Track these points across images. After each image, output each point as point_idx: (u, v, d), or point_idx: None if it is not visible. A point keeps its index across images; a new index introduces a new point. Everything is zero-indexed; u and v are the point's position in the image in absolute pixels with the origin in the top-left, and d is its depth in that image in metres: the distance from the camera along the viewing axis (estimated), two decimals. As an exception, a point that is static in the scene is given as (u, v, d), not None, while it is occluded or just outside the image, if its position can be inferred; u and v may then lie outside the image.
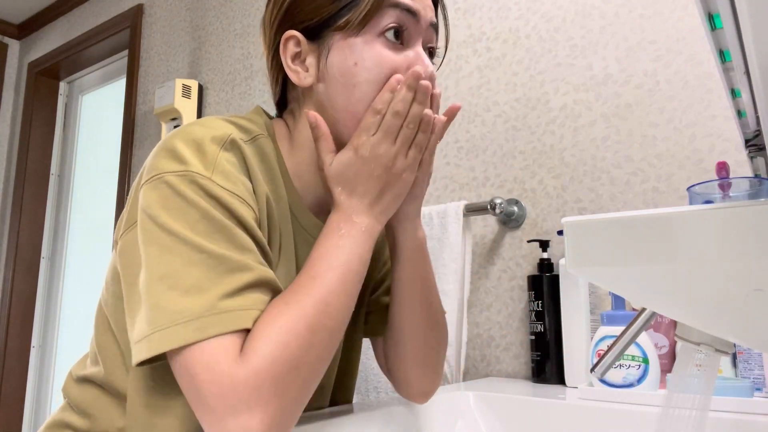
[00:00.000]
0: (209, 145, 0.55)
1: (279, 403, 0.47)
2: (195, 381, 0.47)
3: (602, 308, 1.03)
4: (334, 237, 0.57)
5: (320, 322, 0.51)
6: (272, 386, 0.47)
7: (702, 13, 0.32)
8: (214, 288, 0.49)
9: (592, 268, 0.37)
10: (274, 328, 0.49)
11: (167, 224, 0.51)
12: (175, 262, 0.49)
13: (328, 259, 0.55)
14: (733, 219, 0.32)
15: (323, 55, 0.61)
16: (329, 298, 0.52)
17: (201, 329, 0.47)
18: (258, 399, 0.46)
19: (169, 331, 0.47)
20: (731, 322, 0.39)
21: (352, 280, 0.55)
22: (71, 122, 2.72)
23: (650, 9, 1.07)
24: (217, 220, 0.51)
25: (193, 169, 0.53)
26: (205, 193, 0.52)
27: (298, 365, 0.48)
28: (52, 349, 2.51)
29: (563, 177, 1.13)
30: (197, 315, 0.47)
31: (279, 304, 0.51)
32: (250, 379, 0.46)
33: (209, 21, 1.99)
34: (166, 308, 0.48)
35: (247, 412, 0.46)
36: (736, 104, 0.49)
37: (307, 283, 0.53)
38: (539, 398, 0.85)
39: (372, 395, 1.16)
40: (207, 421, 0.47)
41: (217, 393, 0.46)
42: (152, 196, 0.53)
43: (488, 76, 1.27)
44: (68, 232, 2.61)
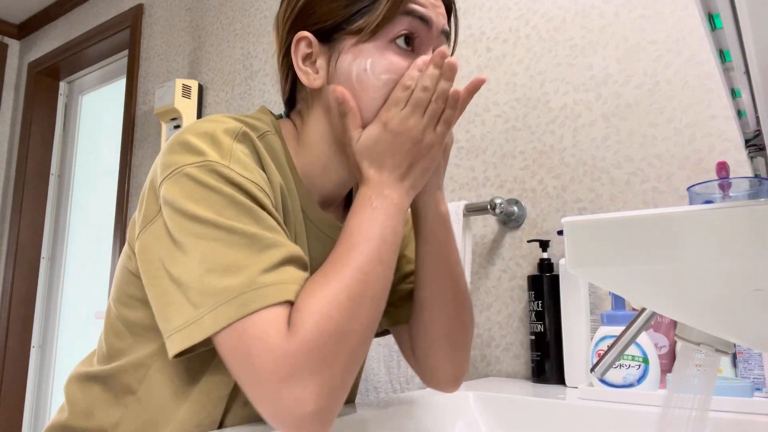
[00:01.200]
0: (223, 137, 0.56)
1: (329, 372, 0.48)
2: (248, 356, 0.48)
3: (602, 308, 1.03)
4: (367, 210, 0.57)
5: (361, 292, 0.52)
6: (321, 356, 0.48)
7: (702, 13, 0.32)
8: (252, 265, 0.50)
9: (592, 268, 0.37)
10: (317, 300, 0.50)
11: (196, 213, 0.51)
12: (210, 247, 0.50)
13: (363, 232, 0.55)
14: (733, 219, 0.32)
15: (334, 58, 0.62)
16: (367, 267, 0.53)
17: (245, 304, 0.48)
18: (310, 369, 0.47)
19: (215, 312, 0.48)
20: (731, 322, 0.39)
21: (388, 251, 0.55)
22: (71, 122, 2.72)
23: (650, 9, 1.07)
24: (244, 204, 0.53)
25: (212, 158, 0.54)
26: (226, 181, 0.53)
27: (344, 334, 0.49)
28: (52, 349, 2.51)
29: (563, 177, 1.13)
30: (240, 291, 0.48)
31: (319, 277, 0.52)
32: (300, 350, 0.47)
33: (209, 21, 1.99)
34: (208, 291, 0.49)
35: (300, 383, 0.47)
36: (736, 104, 0.49)
37: (345, 254, 0.54)
38: (539, 398, 0.85)
39: (372, 395, 1.16)
40: (260, 394, 0.48)
41: (270, 365, 0.47)
42: (175, 190, 0.53)
43: (488, 76, 1.27)
44: (68, 232, 2.61)
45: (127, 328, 0.62)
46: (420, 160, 0.60)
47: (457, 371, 0.71)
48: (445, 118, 0.60)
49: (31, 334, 2.53)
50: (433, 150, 0.60)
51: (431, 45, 0.63)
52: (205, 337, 0.49)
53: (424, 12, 0.61)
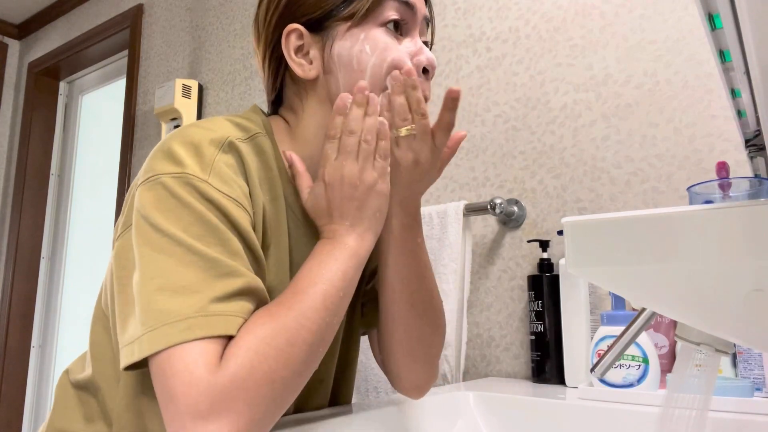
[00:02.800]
0: (207, 147, 0.55)
1: (250, 414, 0.46)
2: (170, 382, 0.46)
3: (602, 308, 1.03)
4: (319, 256, 0.57)
5: (300, 336, 0.50)
6: (246, 397, 0.46)
7: (702, 13, 0.32)
8: (205, 290, 0.48)
9: (592, 268, 0.37)
10: (254, 338, 0.48)
11: (161, 225, 0.50)
12: (168, 263, 0.49)
13: (311, 276, 0.55)
14: (733, 219, 0.32)
15: (328, 45, 0.63)
16: (309, 312, 0.52)
17: (188, 329, 0.47)
18: (230, 408, 0.45)
19: (157, 331, 0.47)
20: (731, 322, 0.39)
21: (335, 295, 0.54)
22: (71, 122, 2.72)
23: (650, 9, 1.07)
24: (212, 224, 0.51)
25: (190, 171, 0.53)
26: (200, 196, 0.52)
27: (273, 378, 0.48)
28: (52, 349, 2.51)
29: (563, 177, 1.13)
30: (186, 315, 0.47)
31: (263, 315, 0.51)
32: (226, 387, 0.45)
33: (209, 21, 1.99)
34: (155, 309, 0.48)
35: (216, 421, 0.45)
36: (736, 104, 0.49)
37: (290, 297, 0.53)
38: (539, 398, 0.85)
39: (372, 395, 1.16)
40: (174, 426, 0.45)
41: (190, 397, 0.45)
42: (147, 197, 0.52)
43: (488, 76, 1.27)
44: (68, 232, 2.61)
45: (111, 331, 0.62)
46: (367, 202, 0.59)
47: (419, 381, 0.71)
48: (381, 151, 0.60)
49: (31, 334, 2.53)
50: (378, 186, 0.60)
51: (416, 30, 0.66)
52: (144, 356, 0.47)
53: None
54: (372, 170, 0.60)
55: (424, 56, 0.64)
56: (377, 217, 0.61)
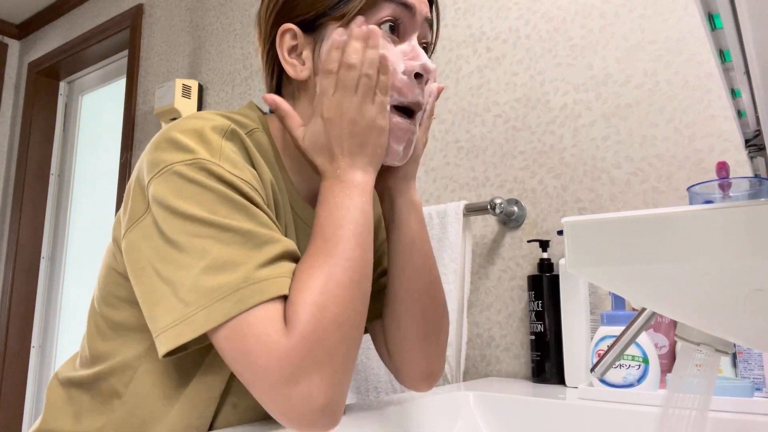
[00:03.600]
0: (211, 134, 0.55)
1: (332, 363, 0.48)
2: (249, 355, 0.47)
3: (602, 308, 1.03)
4: (330, 201, 0.56)
5: (348, 278, 0.52)
6: (322, 348, 0.48)
7: (702, 13, 0.32)
8: (248, 261, 0.49)
9: (592, 268, 0.37)
10: (309, 291, 0.49)
11: (188, 211, 0.51)
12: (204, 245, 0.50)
13: (333, 221, 0.55)
14: (733, 219, 0.32)
15: (318, 46, 0.62)
16: (347, 253, 0.53)
17: (242, 300, 0.48)
18: (313, 363, 0.47)
19: (209, 309, 0.48)
20: (731, 322, 0.39)
21: (362, 233, 0.55)
22: (71, 122, 2.72)
23: (650, 9, 1.07)
24: (235, 201, 0.52)
25: (201, 156, 0.53)
26: (217, 178, 0.52)
27: (340, 322, 0.49)
28: (52, 349, 2.51)
29: (563, 177, 1.13)
30: (235, 287, 0.48)
31: (306, 269, 0.52)
32: (301, 346, 0.47)
33: (209, 21, 1.99)
34: (202, 289, 0.48)
35: (306, 378, 0.46)
36: (736, 104, 0.49)
37: (322, 246, 0.53)
38: (539, 398, 0.85)
39: (372, 395, 1.16)
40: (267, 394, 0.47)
41: (273, 364, 0.46)
42: (165, 189, 0.52)
43: (488, 76, 1.27)
44: (68, 232, 2.61)
45: (112, 329, 0.61)
46: (368, 137, 0.58)
47: (431, 367, 0.70)
48: (381, 86, 0.59)
49: (31, 334, 2.53)
50: (378, 121, 0.59)
51: (416, 32, 0.63)
52: (196, 335, 0.48)
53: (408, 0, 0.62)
54: (371, 105, 0.58)
55: (418, 61, 0.61)
56: (378, 153, 0.60)
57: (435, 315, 0.69)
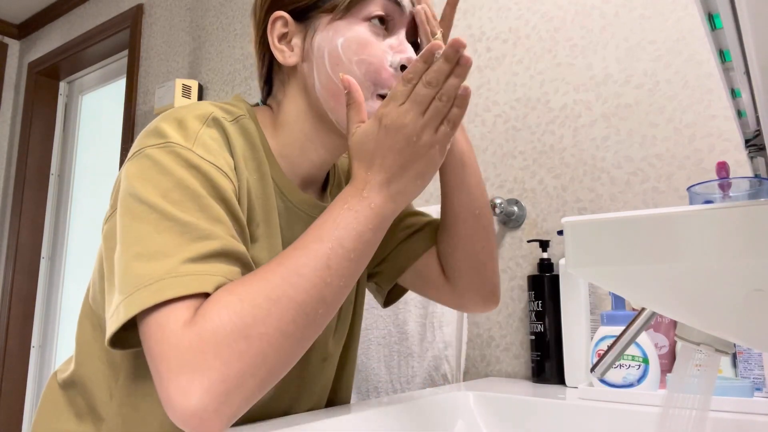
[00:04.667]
0: (191, 122, 0.56)
1: (222, 370, 0.44)
2: (148, 344, 0.47)
3: (602, 308, 1.03)
4: (335, 210, 0.53)
5: (284, 293, 0.48)
6: (215, 352, 0.45)
7: (702, 13, 0.32)
8: (178, 253, 0.48)
9: (592, 268, 0.37)
10: (228, 294, 0.47)
11: (140, 193, 0.51)
12: (144, 230, 0.50)
13: (319, 233, 0.51)
14: (733, 219, 0.32)
15: (309, 35, 0.63)
16: (303, 270, 0.49)
17: (159, 291, 0.47)
18: (199, 364, 0.44)
19: (132, 297, 0.47)
20: (731, 322, 0.39)
21: (344, 256, 0.51)
22: (71, 122, 2.72)
23: (650, 9, 1.07)
24: (191, 189, 0.51)
25: (173, 141, 0.54)
26: (183, 162, 0.53)
27: (248, 334, 0.46)
28: (52, 349, 2.51)
29: (563, 177, 1.13)
30: (157, 278, 0.47)
31: (249, 276, 0.50)
32: (194, 343, 0.45)
33: (209, 21, 1.99)
34: (131, 275, 0.48)
35: (188, 375, 0.44)
36: (736, 104, 0.49)
37: (287, 254, 0.51)
38: (539, 398, 0.85)
39: (372, 395, 1.16)
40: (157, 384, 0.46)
41: (163, 355, 0.45)
42: (132, 170, 0.53)
43: (488, 76, 1.27)
44: (68, 232, 2.61)
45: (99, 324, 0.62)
46: (414, 162, 0.54)
47: (494, 280, 0.74)
48: (452, 117, 0.54)
49: (31, 334, 2.53)
50: (432, 152, 0.54)
51: (404, 27, 0.65)
52: (119, 325, 0.48)
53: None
54: (434, 133, 0.54)
55: (404, 54, 0.62)
56: (417, 183, 0.55)
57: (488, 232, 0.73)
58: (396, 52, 0.62)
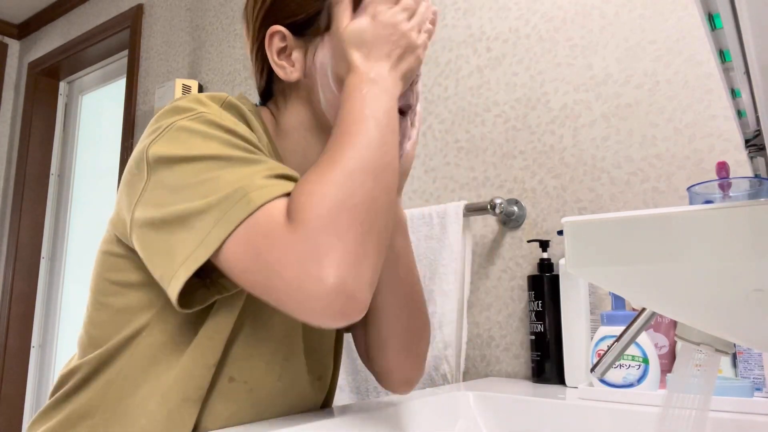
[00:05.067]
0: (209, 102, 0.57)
1: (341, 244, 0.47)
2: (258, 256, 0.47)
3: (602, 308, 1.03)
4: (356, 96, 0.56)
5: (357, 166, 0.51)
6: (326, 232, 0.47)
7: (702, 13, 0.32)
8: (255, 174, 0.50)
9: (592, 268, 0.37)
10: (308, 183, 0.50)
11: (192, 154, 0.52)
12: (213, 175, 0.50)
13: (354, 114, 0.54)
14: (733, 219, 0.32)
15: (311, 52, 0.63)
16: (360, 144, 0.52)
17: (249, 202, 0.48)
18: (318, 247, 0.46)
19: (221, 221, 0.48)
20: (731, 322, 0.39)
21: (387, 129, 0.54)
22: (71, 122, 2.72)
23: (650, 9, 1.07)
24: (240, 145, 0.53)
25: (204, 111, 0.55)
26: (221, 128, 0.54)
27: (344, 207, 0.48)
28: (52, 349, 2.51)
29: (563, 177, 1.13)
30: (242, 194, 0.49)
31: (314, 166, 0.52)
32: (304, 234, 0.47)
33: (209, 21, 1.99)
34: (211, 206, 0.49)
35: (314, 263, 0.46)
36: (736, 104, 0.49)
37: (339, 138, 0.53)
38: (539, 398, 0.85)
39: (372, 395, 1.16)
40: (283, 292, 0.47)
41: (281, 258, 0.46)
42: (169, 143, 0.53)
43: (488, 76, 1.27)
44: (68, 232, 2.61)
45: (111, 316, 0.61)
46: (408, 55, 0.59)
47: (409, 374, 0.72)
48: (428, 29, 0.61)
49: (31, 334, 2.53)
50: (419, 51, 0.60)
51: None
52: (212, 251, 0.48)
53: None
54: (418, 33, 0.60)
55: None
56: (409, 75, 0.60)
57: (416, 327, 0.70)
58: None
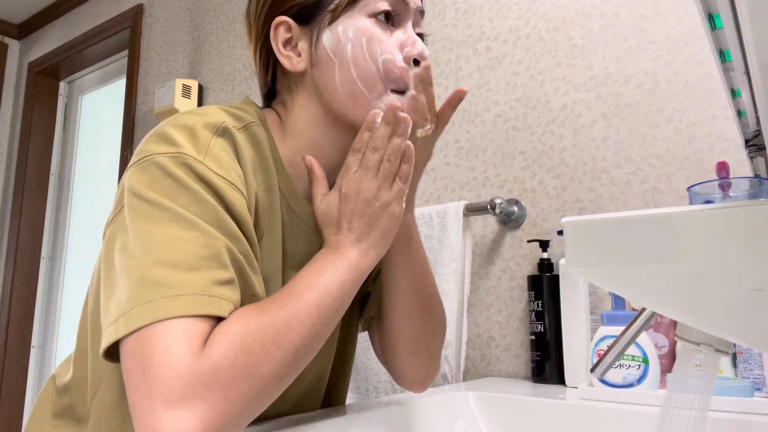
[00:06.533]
0: (201, 131, 0.54)
1: (225, 408, 0.43)
2: (148, 362, 0.43)
3: (602, 308, 1.03)
4: (318, 263, 0.56)
5: (287, 338, 0.48)
6: (224, 388, 0.43)
7: (702, 13, 0.32)
8: (206, 270, 0.47)
9: (592, 268, 0.37)
10: (242, 330, 0.46)
11: (157, 200, 0.49)
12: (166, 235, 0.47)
13: (307, 281, 0.54)
14: (733, 219, 0.32)
15: (314, 37, 0.62)
16: (300, 316, 0.50)
17: (194, 304, 0.45)
18: (205, 397, 0.42)
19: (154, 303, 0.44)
20: (731, 322, 0.39)
21: (330, 305, 0.53)
22: (71, 122, 2.72)
23: (650, 9, 1.07)
24: (209, 204, 0.50)
25: (185, 151, 0.52)
26: (196, 176, 0.51)
27: (254, 375, 0.45)
28: (52, 349, 2.51)
29: (563, 177, 1.13)
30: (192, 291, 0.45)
31: (253, 309, 0.49)
32: (205, 375, 0.43)
33: (209, 21, 1.99)
34: (153, 281, 0.45)
35: (188, 408, 0.41)
36: (736, 104, 0.49)
37: (283, 299, 0.51)
38: (539, 398, 0.85)
39: (372, 395, 1.16)
40: (141, 409, 0.42)
41: (166, 379, 0.42)
42: (141, 177, 0.51)
43: (488, 76, 1.27)
44: (68, 232, 2.61)
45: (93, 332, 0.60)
46: (378, 221, 0.59)
47: (423, 375, 0.72)
48: (402, 174, 0.60)
49: (31, 334, 2.53)
50: (391, 208, 0.60)
51: (410, 21, 0.65)
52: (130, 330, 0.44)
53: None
54: (389, 190, 0.59)
55: (416, 48, 0.63)
56: (385, 237, 0.60)
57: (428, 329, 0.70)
58: (406, 46, 0.63)
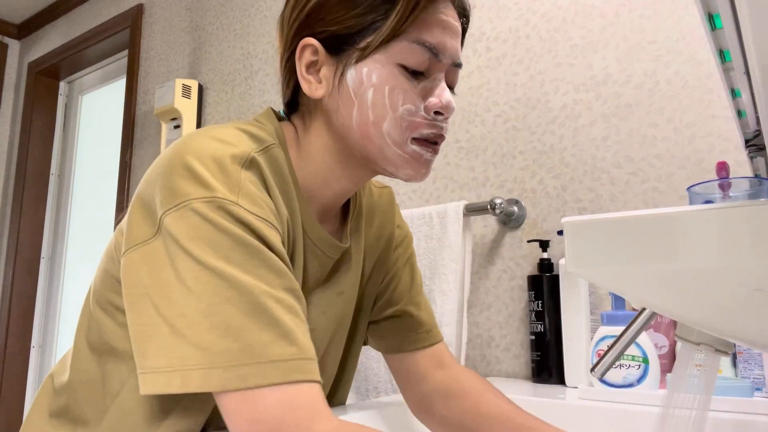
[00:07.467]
0: (231, 165, 0.53)
1: None
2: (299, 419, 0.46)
3: (602, 308, 1.03)
4: None
5: None
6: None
7: (702, 13, 0.32)
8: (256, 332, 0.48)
9: (592, 268, 0.37)
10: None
11: (202, 257, 0.49)
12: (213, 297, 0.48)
13: None
14: (733, 219, 0.32)
15: (339, 71, 0.59)
16: None
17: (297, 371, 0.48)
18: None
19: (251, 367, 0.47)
20: (731, 322, 0.39)
21: None
22: (71, 122, 2.72)
23: (650, 9, 1.07)
24: (251, 245, 0.51)
25: (220, 195, 0.51)
26: (234, 219, 0.51)
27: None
28: (52, 349, 2.51)
29: (563, 177, 1.13)
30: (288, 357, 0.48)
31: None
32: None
33: (209, 21, 1.99)
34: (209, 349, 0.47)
35: None
36: (736, 104, 0.49)
37: None
38: (539, 398, 0.85)
39: (372, 395, 1.16)
40: None
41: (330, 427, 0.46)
42: (181, 225, 0.51)
43: (488, 76, 1.27)
44: (68, 232, 2.61)
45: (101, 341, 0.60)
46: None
47: None
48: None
49: (31, 334, 2.53)
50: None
51: (441, 71, 0.61)
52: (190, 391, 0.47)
53: (436, 43, 0.58)
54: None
55: (441, 100, 0.59)
56: None
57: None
58: (431, 96, 0.59)
